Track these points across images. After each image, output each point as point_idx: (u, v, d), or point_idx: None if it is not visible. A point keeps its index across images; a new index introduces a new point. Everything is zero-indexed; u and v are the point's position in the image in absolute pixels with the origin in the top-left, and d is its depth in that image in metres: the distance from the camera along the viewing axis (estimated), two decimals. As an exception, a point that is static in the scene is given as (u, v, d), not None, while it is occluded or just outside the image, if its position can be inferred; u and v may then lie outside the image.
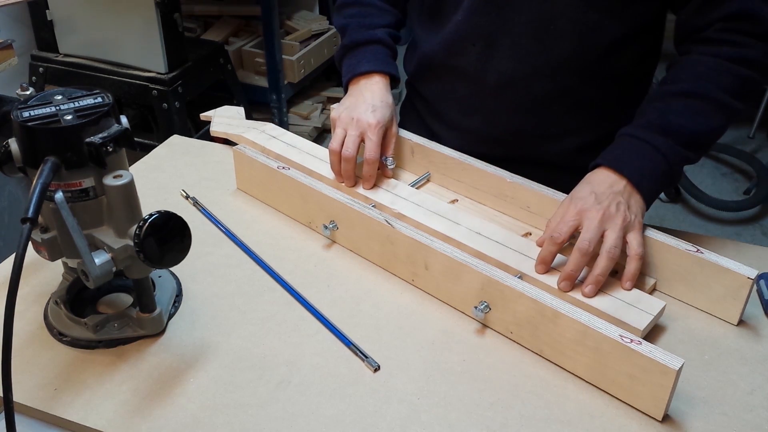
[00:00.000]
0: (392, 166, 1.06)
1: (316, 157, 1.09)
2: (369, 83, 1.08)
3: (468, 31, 1.05)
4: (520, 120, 1.09)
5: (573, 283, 0.86)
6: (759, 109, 3.07)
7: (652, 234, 0.90)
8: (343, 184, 1.04)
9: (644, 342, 0.73)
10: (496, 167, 1.04)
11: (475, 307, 0.84)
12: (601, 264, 0.85)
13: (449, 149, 1.07)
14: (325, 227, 0.98)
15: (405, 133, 1.11)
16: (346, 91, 1.11)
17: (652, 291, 0.91)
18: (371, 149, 1.01)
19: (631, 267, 0.86)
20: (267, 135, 1.16)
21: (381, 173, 1.05)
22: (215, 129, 1.22)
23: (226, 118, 1.25)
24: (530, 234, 1.00)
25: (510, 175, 1.01)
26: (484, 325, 0.86)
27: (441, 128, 1.18)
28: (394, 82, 1.10)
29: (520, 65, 1.03)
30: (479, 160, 1.05)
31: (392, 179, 1.05)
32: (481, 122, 1.12)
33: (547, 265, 0.88)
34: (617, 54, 1.02)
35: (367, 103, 1.04)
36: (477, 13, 1.03)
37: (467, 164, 1.04)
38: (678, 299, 0.90)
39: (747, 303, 0.86)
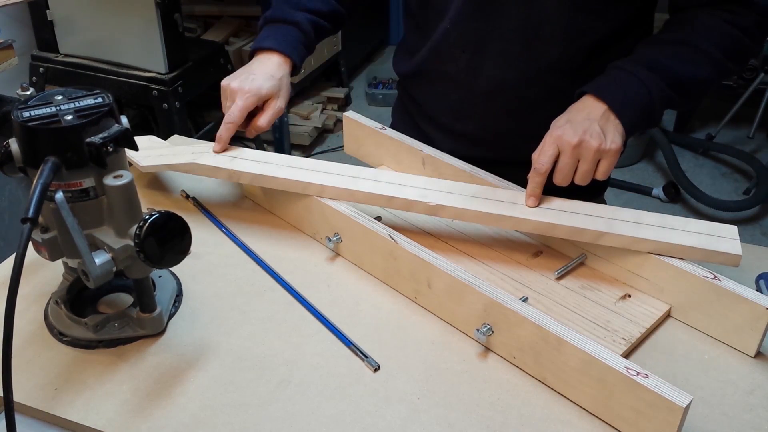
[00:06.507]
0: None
1: (300, 169, 0.99)
2: (263, 59, 1.08)
3: (457, 38, 1.05)
4: (510, 123, 1.10)
5: (538, 199, 0.92)
6: (759, 109, 3.07)
7: (668, 258, 0.87)
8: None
9: (651, 375, 0.70)
10: (508, 182, 1.01)
11: (477, 330, 0.81)
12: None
13: (461, 161, 1.05)
14: (329, 239, 0.97)
15: (416, 144, 1.09)
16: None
17: (666, 317, 0.88)
18: (233, 112, 1.01)
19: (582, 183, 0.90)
20: (229, 157, 1.02)
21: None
22: (145, 164, 1.04)
23: (148, 151, 1.07)
24: (541, 253, 0.97)
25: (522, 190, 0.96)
26: (487, 348, 0.83)
27: (433, 131, 1.18)
28: (295, 69, 1.10)
29: (510, 70, 1.04)
30: (491, 174, 1.02)
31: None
32: (473, 126, 1.13)
33: (537, 198, 0.91)
34: (605, 53, 1.03)
35: (251, 74, 1.05)
36: (465, 20, 1.03)
37: (479, 178, 1.01)
38: (693, 327, 0.87)
39: (765, 335, 0.82)
